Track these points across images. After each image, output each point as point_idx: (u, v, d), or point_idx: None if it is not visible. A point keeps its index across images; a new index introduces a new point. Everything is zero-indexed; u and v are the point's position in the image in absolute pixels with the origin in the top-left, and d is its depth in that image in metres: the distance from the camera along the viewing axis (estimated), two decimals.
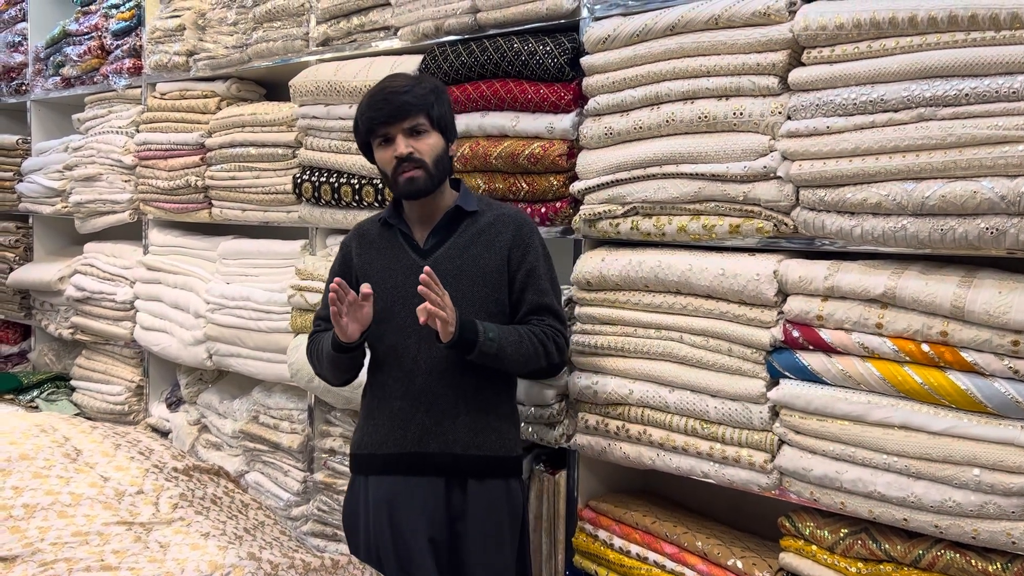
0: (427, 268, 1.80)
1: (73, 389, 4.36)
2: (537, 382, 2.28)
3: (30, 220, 4.77)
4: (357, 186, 2.76)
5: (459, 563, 1.98)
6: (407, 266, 2.00)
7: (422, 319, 1.81)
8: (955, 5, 1.61)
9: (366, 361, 2.09)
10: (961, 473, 1.64)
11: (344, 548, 2.97)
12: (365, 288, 1.89)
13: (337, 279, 1.86)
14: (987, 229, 1.60)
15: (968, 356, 1.64)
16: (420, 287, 1.79)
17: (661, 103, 2.07)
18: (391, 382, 2.01)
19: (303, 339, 2.90)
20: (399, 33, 2.73)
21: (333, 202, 2.86)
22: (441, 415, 1.96)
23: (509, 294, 2.00)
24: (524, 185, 2.35)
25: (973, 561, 1.67)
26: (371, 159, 2.03)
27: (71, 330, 4.26)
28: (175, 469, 1.99)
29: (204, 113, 3.50)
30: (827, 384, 1.83)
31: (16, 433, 1.90)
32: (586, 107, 2.24)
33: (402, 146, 1.92)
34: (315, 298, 2.83)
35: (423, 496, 1.95)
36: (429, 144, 1.94)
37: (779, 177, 1.89)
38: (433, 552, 1.95)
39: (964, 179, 1.62)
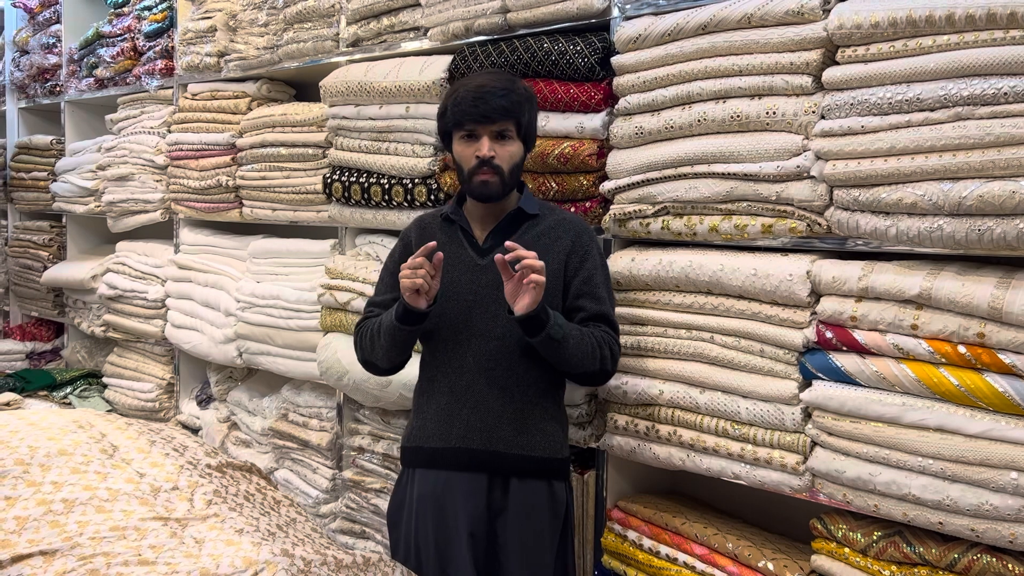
0: (509, 243, 1.82)
1: (105, 386, 4.42)
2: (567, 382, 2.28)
3: (64, 219, 4.84)
4: (387, 186, 2.77)
5: (497, 561, 1.98)
6: (465, 263, 2.02)
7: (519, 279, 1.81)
8: (994, 3, 1.59)
9: (416, 357, 2.11)
10: (998, 476, 1.62)
11: (372, 545, 3.00)
12: (438, 254, 1.89)
13: (422, 256, 1.87)
14: None
15: (1006, 358, 1.62)
16: (508, 255, 1.80)
17: (693, 102, 2.07)
18: (440, 377, 2.03)
19: (333, 337, 2.92)
20: (429, 33, 2.74)
21: (363, 202, 2.87)
22: (486, 413, 1.98)
23: (563, 300, 2.01)
24: (554, 185, 2.35)
25: (1010, 566, 1.65)
26: (448, 147, 2.05)
27: (103, 328, 4.32)
28: (208, 466, 2.02)
29: (235, 113, 3.53)
30: (861, 386, 1.81)
31: (54, 429, 1.94)
32: (616, 106, 2.23)
33: (485, 148, 1.94)
34: (345, 297, 2.84)
35: (465, 491, 1.97)
36: (510, 152, 1.97)
37: (812, 177, 1.87)
38: (472, 548, 1.95)
39: (1003, 179, 1.60)
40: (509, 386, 1.97)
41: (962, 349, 1.67)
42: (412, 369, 2.62)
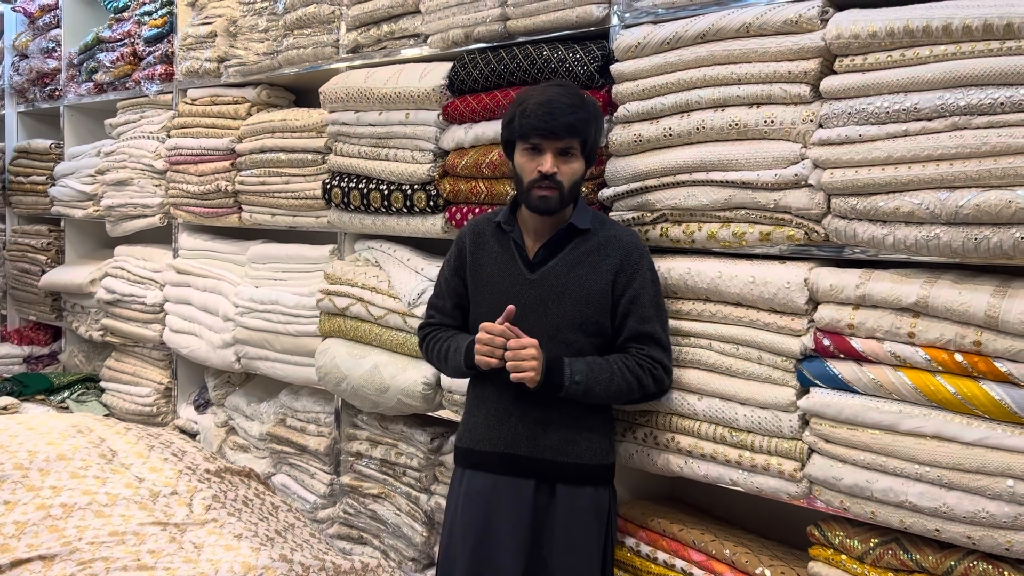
0: (507, 319, 1.90)
1: (103, 390, 4.42)
2: None
3: (62, 223, 4.84)
4: (386, 192, 2.78)
5: (542, 565, 2.00)
6: (514, 276, 2.04)
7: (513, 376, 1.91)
8: (990, 14, 1.60)
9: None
10: (995, 484, 1.63)
11: (370, 551, 3.00)
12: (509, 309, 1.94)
13: (503, 328, 1.93)
14: (1022, 238, 1.59)
15: (1002, 366, 1.63)
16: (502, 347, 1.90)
17: (691, 110, 2.07)
18: (488, 384, 2.06)
19: (331, 342, 2.93)
20: (429, 40, 2.75)
21: (362, 207, 2.88)
22: (532, 422, 2.00)
23: (612, 318, 2.02)
24: None
25: (1007, 573, 1.65)
26: (509, 155, 2.06)
27: (101, 332, 4.32)
28: (207, 471, 2.02)
29: (234, 119, 3.54)
30: (858, 393, 1.82)
31: (54, 434, 1.94)
32: (615, 114, 2.24)
33: (548, 164, 1.95)
34: (343, 302, 2.85)
35: (512, 496, 2.00)
36: (573, 168, 1.98)
37: (810, 185, 1.88)
38: (514, 552, 1.97)
39: (999, 188, 1.61)
40: (555, 396, 1.99)
41: (959, 357, 1.68)
42: (408, 375, 2.63)
